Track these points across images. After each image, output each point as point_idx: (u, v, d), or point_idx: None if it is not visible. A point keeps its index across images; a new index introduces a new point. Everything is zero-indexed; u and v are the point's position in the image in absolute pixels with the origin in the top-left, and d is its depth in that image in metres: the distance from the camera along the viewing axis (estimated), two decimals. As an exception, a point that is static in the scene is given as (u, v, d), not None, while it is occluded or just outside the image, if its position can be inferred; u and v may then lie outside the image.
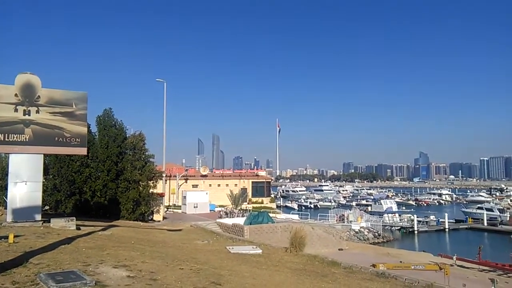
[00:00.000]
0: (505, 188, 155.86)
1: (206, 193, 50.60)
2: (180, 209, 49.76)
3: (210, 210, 48.16)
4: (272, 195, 78.60)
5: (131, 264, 9.11)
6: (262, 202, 63.39)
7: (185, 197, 49.09)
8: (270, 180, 74.75)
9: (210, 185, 63.81)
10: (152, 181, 32.05)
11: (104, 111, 30.66)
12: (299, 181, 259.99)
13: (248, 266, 11.89)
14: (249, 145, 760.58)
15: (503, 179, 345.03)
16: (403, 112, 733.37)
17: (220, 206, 50.97)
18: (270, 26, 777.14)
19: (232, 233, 28.44)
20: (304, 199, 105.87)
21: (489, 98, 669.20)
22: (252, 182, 67.29)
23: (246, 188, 64.13)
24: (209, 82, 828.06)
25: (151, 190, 31.63)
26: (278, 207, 73.70)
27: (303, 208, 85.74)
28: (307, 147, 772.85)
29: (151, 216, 32.99)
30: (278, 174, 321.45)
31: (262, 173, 79.79)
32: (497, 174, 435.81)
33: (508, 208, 65.33)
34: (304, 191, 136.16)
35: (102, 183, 28.19)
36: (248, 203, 58.19)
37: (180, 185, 61.36)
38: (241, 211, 44.67)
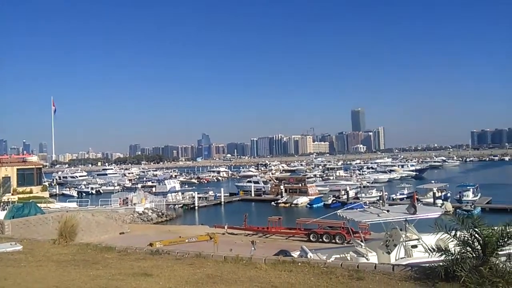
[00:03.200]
0: (268, 163, 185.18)
1: None
2: None
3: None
4: (46, 183, 69.97)
5: None
6: (31, 192, 55.00)
7: None
8: (41, 166, 65.71)
9: (-45, 175, 51.21)
10: None
11: None
12: (80, 166, 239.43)
13: (1, 267, 10.20)
14: (16, 127, 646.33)
15: (268, 156, 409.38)
16: (187, 95, 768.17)
17: (-29, 200, 41.69)
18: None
19: (-13, 231, 23.80)
20: (85, 185, 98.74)
21: (254, 85, 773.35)
22: (18, 169, 57.40)
23: (9, 177, 54.43)
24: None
25: None
26: (53, 195, 66.84)
27: (84, 194, 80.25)
28: (90, 129, 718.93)
29: None
30: (54, 159, 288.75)
31: (32, 158, 69.18)
32: (263, 152, 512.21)
33: (270, 180, 77.61)
34: (85, 176, 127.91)
35: None
36: (12, 194, 49.64)
37: None
38: (2, 204, 37.88)
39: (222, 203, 61.21)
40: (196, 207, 57.25)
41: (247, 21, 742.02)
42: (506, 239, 7.31)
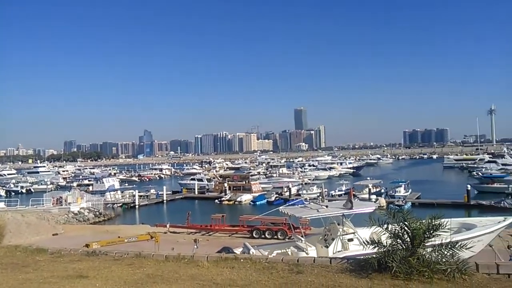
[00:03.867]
0: (212, 160, 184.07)
1: None
2: None
3: None
4: (-33, 182, 64.35)
5: None
6: (-50, 192, 50.45)
7: None
8: (-37, 164, 60.34)
9: None
10: None
11: None
12: (9, 163, 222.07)
13: None
14: None
15: (212, 153, 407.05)
16: (128, 90, 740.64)
17: None
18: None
19: None
20: (14, 183, 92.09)
21: (198, 83, 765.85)
22: None
23: None
24: None
25: None
26: (-24, 195, 61.56)
27: (13, 194, 75.00)
28: (20, 124, 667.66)
29: None
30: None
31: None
32: (207, 149, 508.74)
33: (214, 178, 77.23)
34: (14, 174, 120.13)
35: None
36: None
37: None
38: None
39: (165, 201, 59.89)
40: (137, 206, 55.42)
41: (190, 18, 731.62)
42: (432, 231, 7.92)
